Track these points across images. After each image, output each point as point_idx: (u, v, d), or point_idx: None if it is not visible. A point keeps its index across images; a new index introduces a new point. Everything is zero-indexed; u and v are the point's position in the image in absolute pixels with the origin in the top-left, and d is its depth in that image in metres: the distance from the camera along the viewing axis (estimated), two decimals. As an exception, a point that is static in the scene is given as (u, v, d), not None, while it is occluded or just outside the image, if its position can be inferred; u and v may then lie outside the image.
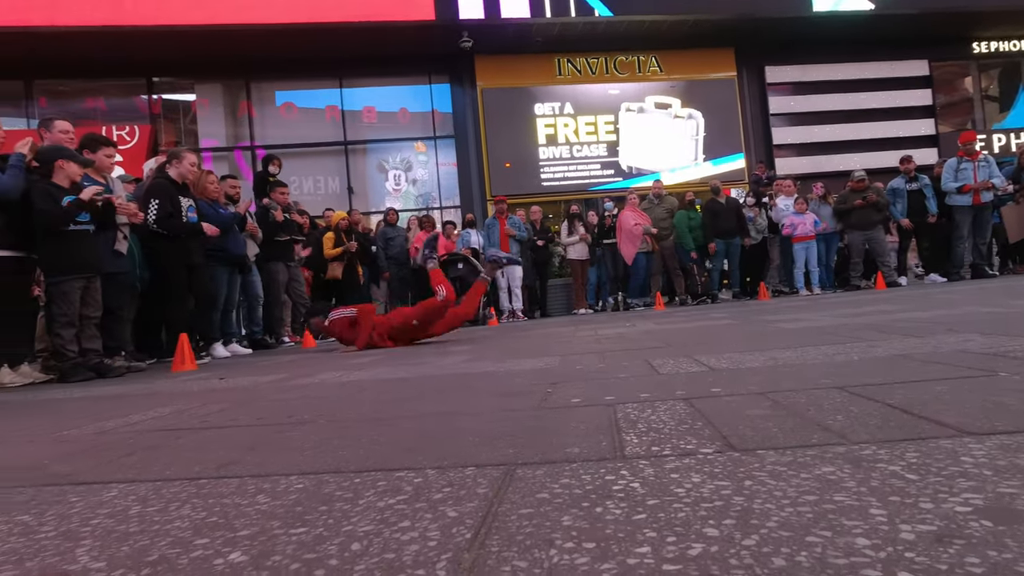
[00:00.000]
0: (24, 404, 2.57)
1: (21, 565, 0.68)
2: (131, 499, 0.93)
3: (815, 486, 0.72)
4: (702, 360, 2.06)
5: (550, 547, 0.61)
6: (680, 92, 12.13)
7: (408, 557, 0.62)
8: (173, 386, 2.79)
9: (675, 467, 0.85)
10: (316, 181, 11.56)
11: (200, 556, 0.67)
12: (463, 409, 1.51)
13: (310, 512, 0.79)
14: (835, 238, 8.59)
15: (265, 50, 10.34)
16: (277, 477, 0.99)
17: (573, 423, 1.22)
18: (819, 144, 12.26)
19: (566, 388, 1.71)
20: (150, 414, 1.86)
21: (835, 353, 1.93)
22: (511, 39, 11.07)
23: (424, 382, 2.16)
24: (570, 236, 8.74)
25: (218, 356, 4.81)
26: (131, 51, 9.94)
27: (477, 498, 0.79)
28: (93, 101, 11.01)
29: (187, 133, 11.43)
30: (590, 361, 2.38)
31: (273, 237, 5.91)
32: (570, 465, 0.91)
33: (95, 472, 1.13)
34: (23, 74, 10.36)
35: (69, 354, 3.59)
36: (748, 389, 1.43)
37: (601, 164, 11.95)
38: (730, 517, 0.65)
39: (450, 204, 11.74)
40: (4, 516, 0.88)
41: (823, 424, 1.03)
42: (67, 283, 3.60)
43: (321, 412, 1.64)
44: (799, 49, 11.96)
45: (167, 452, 1.27)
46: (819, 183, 9.07)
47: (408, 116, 11.95)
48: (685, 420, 1.16)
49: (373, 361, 3.25)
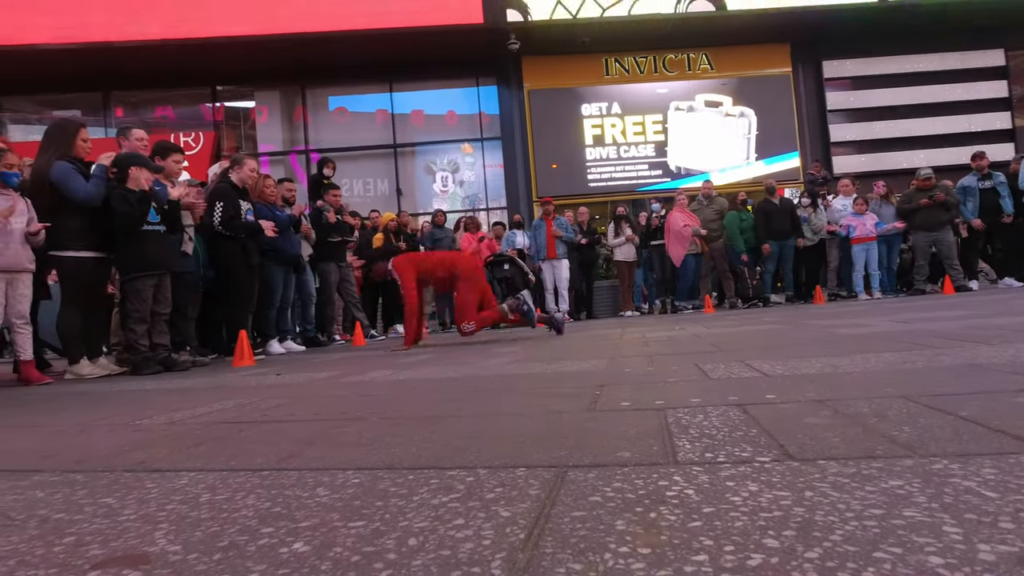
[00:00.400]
0: (102, 394, 2.74)
1: (107, 545, 0.74)
2: (201, 487, 0.98)
3: (882, 500, 0.69)
4: (755, 365, 2.01)
5: (604, 551, 0.61)
6: (732, 90, 11.81)
7: (463, 555, 0.63)
8: (234, 381, 2.93)
9: (730, 475, 0.84)
10: (366, 183, 11.88)
11: (266, 544, 0.70)
12: (511, 410, 1.53)
13: (367, 506, 0.82)
14: (897, 239, 8.16)
15: (320, 57, 10.72)
16: (334, 471, 1.02)
17: (623, 427, 1.21)
18: (880, 141, 11.68)
19: (614, 391, 1.70)
20: (214, 407, 1.96)
21: (899, 361, 1.84)
22: (558, 40, 11.06)
23: (472, 382, 2.18)
24: (617, 238, 8.65)
25: (274, 352, 5.01)
26: (197, 62, 10.51)
27: (529, 499, 0.80)
28: (163, 110, 11.70)
29: (247, 138, 11.97)
30: (638, 364, 2.35)
31: (326, 238, 6.11)
32: (622, 469, 0.91)
33: (168, 460, 1.20)
34: (102, 86, 11.12)
35: (141, 348, 3.83)
36: (805, 396, 1.38)
37: (649, 164, 11.77)
38: (790, 528, 0.63)
39: (496, 205, 11.82)
40: (91, 498, 0.95)
41: (888, 435, 0.98)
42: (140, 281, 3.84)
43: (373, 409, 1.69)
44: (859, 42, 11.43)
45: (231, 443, 1.33)
46: (880, 182, 8.65)
47: (456, 118, 12.11)
48: (739, 427, 1.13)
49: (421, 361, 3.31)
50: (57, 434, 1.67)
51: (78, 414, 2.07)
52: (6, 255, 3.47)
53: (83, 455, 1.31)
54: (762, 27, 11.05)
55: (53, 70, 10.25)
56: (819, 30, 11.21)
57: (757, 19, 10.80)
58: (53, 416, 2.08)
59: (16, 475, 1.16)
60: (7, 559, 0.71)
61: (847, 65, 11.83)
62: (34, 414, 2.20)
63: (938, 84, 11.63)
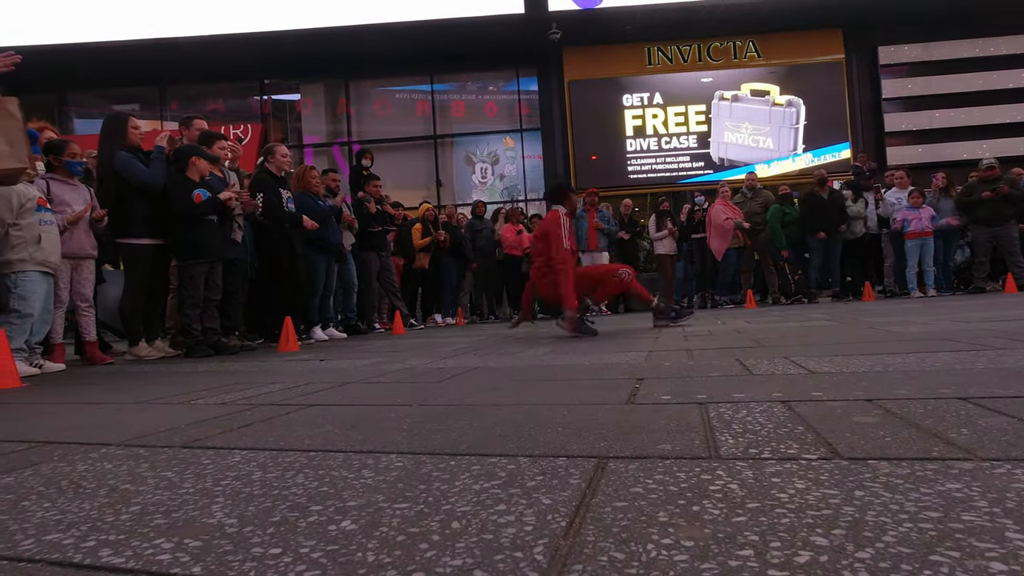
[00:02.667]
0: (159, 375, 2.89)
1: (169, 515, 0.78)
2: (252, 465, 1.03)
3: (938, 503, 0.67)
4: (799, 362, 1.95)
5: (647, 541, 0.61)
6: (779, 78, 11.42)
7: (506, 540, 0.64)
8: (280, 365, 3.03)
9: (776, 471, 0.82)
10: (406, 174, 12.05)
11: (316, 521, 0.73)
12: (550, 400, 1.53)
13: (411, 489, 0.84)
14: (955, 234, 7.75)
15: (363, 50, 10.89)
16: (378, 454, 1.05)
17: (663, 420, 1.20)
18: (940, 131, 11.10)
19: (654, 384, 1.68)
20: (263, 390, 2.04)
21: (956, 361, 1.76)
22: (600, 29, 10.90)
23: (511, 372, 2.20)
24: (659, 231, 8.52)
25: (317, 339, 5.15)
26: (247, 56, 10.85)
27: (570, 488, 0.80)
28: (214, 103, 12.13)
29: (292, 130, 12.28)
30: (678, 358, 2.32)
31: (366, 228, 6.23)
32: (663, 461, 0.90)
33: (221, 439, 1.26)
34: (159, 81, 11.62)
35: (194, 332, 4.00)
36: (854, 395, 1.34)
37: (691, 156, 11.52)
38: (840, 527, 0.62)
39: (535, 197, 11.79)
40: (152, 471, 1.01)
41: (944, 437, 0.95)
42: (195, 267, 4.02)
43: (414, 396, 1.72)
44: (919, 25, 10.86)
45: (280, 425, 1.39)
46: (940, 173, 8.22)
47: (495, 109, 12.12)
48: (784, 423, 1.11)
49: (460, 350, 3.35)
50: (120, 410, 1.76)
51: (138, 393, 2.18)
52: (71, 242, 3.67)
53: (144, 431, 1.39)
54: (814, 12, 10.63)
55: (113, 66, 10.77)
56: (875, 14, 10.70)
57: (809, 3, 10.38)
58: (116, 394, 2.20)
59: (85, 447, 1.24)
60: (80, 524, 0.76)
61: (905, 50, 11.26)
62: (98, 392, 2.34)
63: (1006, 70, 10.95)
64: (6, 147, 2.71)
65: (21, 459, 1.16)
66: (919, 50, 11.24)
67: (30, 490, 0.94)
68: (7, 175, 2.81)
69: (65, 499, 0.88)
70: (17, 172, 2.83)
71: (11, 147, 2.73)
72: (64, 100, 11.90)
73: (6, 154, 2.72)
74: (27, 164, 2.86)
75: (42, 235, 3.32)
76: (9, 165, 2.75)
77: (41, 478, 1.01)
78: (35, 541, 0.71)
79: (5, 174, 2.79)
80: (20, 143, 2.78)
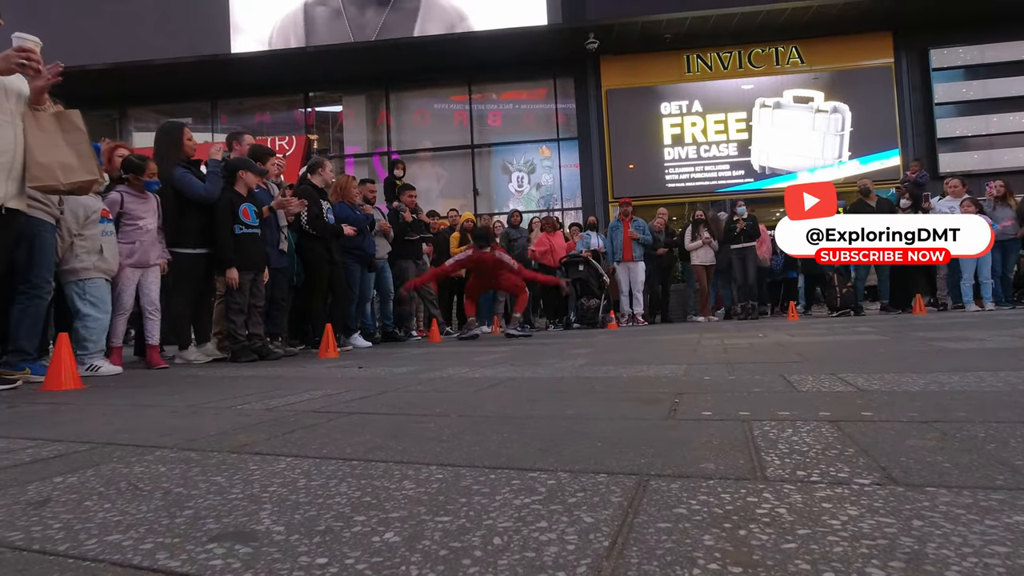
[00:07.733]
0: (208, 379, 2.99)
1: (220, 520, 0.81)
2: (297, 472, 1.05)
3: (1006, 536, 0.63)
4: (847, 379, 1.88)
5: (692, 566, 0.60)
6: (824, 83, 11.11)
7: (548, 558, 0.64)
8: (320, 372, 3.10)
9: (826, 496, 0.79)
10: (444, 183, 12.21)
11: (360, 532, 0.74)
12: (588, 413, 1.52)
13: (451, 502, 0.85)
14: (1015, 245, 7.35)
15: (403, 62, 11.15)
16: (419, 465, 1.06)
17: (705, 437, 1.18)
18: (997, 136, 10.58)
19: (694, 399, 1.65)
20: (305, 396, 2.09)
21: (1019, 380, 1.67)
22: (638, 38, 10.85)
23: (547, 383, 2.19)
24: (693, 241, 8.38)
25: (357, 346, 5.25)
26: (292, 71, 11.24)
27: (612, 506, 0.79)
28: (261, 116, 12.60)
29: (334, 141, 12.63)
30: (718, 372, 2.27)
31: (402, 237, 6.33)
32: (706, 482, 0.88)
33: (267, 444, 1.30)
34: (210, 96, 12.17)
35: (240, 337, 4.14)
36: (908, 416, 1.29)
37: (730, 164, 11.30)
38: (897, 559, 0.59)
39: (571, 206, 11.77)
40: (203, 475, 1.05)
41: (1010, 464, 0.90)
42: (240, 276, 4.15)
43: (452, 406, 1.74)
44: (973, 27, 10.41)
45: (322, 432, 1.42)
46: (997, 181, 7.83)
47: (532, 118, 12.17)
48: (833, 445, 1.07)
49: (497, 359, 3.36)
50: (172, 414, 1.84)
51: (189, 397, 2.26)
52: (140, 251, 3.85)
53: (195, 435, 1.44)
54: (861, 14, 10.31)
55: (169, 82, 11.34)
56: (927, 15, 10.31)
57: (856, 6, 10.08)
58: (169, 397, 2.29)
59: (142, 449, 1.29)
60: (138, 526, 0.79)
61: (959, 53, 10.81)
62: (153, 395, 2.44)
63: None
64: (75, 160, 2.85)
65: (83, 459, 1.22)
66: (974, 52, 10.77)
67: (92, 490, 0.98)
68: (79, 187, 2.94)
69: (124, 500, 0.92)
70: (88, 184, 2.96)
71: (80, 160, 2.87)
72: (124, 115, 12.56)
73: (76, 167, 2.85)
74: (97, 176, 2.99)
75: (103, 245, 3.49)
76: (80, 178, 2.88)
77: (101, 479, 1.06)
78: (97, 541, 0.74)
79: (77, 187, 2.93)
80: (88, 155, 2.91)
